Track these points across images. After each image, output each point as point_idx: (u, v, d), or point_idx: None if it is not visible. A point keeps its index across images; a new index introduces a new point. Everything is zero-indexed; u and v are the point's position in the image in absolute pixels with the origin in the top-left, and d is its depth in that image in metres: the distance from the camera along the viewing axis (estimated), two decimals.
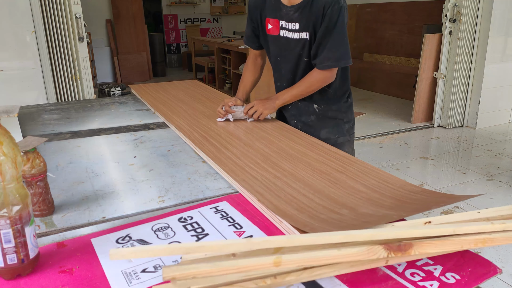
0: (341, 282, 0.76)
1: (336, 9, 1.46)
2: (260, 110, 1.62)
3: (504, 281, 2.10)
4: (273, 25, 1.60)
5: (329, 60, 1.52)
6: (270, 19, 1.60)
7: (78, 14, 3.10)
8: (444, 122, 4.73)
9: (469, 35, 4.47)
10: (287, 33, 1.58)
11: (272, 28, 1.60)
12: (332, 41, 1.49)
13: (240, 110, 1.66)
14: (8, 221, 0.74)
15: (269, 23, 1.61)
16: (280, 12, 1.56)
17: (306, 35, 1.54)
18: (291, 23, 1.55)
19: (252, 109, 1.63)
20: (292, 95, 1.63)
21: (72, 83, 3.18)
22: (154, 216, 1.00)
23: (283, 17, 1.56)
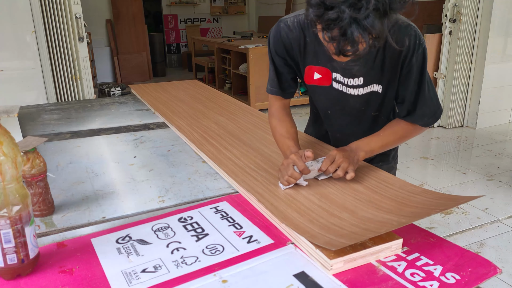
0: (341, 282, 0.76)
1: (421, 54, 1.13)
2: (345, 166, 1.10)
3: (504, 281, 2.10)
4: (322, 74, 1.22)
5: (426, 116, 1.21)
6: (317, 67, 1.22)
7: (78, 14, 3.10)
8: (444, 122, 4.73)
9: (469, 35, 4.47)
10: (342, 87, 1.22)
11: (320, 78, 1.23)
12: (425, 94, 1.18)
13: (316, 168, 1.12)
14: (8, 221, 0.74)
15: (315, 71, 1.23)
16: (332, 63, 1.19)
17: (376, 88, 1.21)
18: (351, 78, 1.20)
19: (334, 164, 1.10)
20: (382, 145, 1.22)
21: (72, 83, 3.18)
22: (154, 216, 1.00)
23: (337, 70, 1.20)
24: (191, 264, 0.81)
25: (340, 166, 1.10)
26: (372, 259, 0.82)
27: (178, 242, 0.89)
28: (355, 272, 0.79)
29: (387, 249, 0.84)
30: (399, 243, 0.85)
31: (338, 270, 0.79)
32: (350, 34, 0.89)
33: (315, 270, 0.80)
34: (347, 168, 1.10)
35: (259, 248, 0.87)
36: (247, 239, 0.90)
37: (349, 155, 1.13)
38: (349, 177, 1.10)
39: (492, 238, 2.49)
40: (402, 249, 0.86)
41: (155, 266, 0.81)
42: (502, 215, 2.74)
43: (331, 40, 0.92)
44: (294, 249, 0.86)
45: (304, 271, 0.79)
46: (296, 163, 1.08)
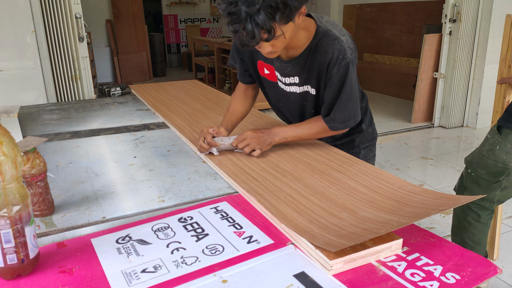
0: (341, 282, 0.76)
1: (343, 67, 1.24)
2: (252, 145, 1.30)
3: (504, 281, 2.10)
4: (270, 71, 1.38)
5: (336, 121, 1.33)
6: (265, 64, 1.38)
7: (78, 14, 3.10)
8: (444, 122, 4.73)
9: (469, 35, 4.47)
10: (284, 86, 1.39)
11: (269, 74, 1.39)
12: (340, 102, 1.29)
13: (227, 142, 1.34)
14: (8, 221, 0.74)
15: (264, 67, 1.39)
16: (274, 62, 1.35)
17: (309, 89, 1.35)
18: (288, 77, 1.35)
19: (244, 142, 1.31)
20: (296, 136, 1.39)
21: (72, 83, 3.18)
22: (154, 216, 1.00)
23: (278, 69, 1.35)
24: (191, 264, 0.81)
25: (248, 144, 1.31)
26: (372, 259, 0.82)
27: (178, 242, 0.89)
28: (355, 272, 0.79)
29: (387, 249, 0.84)
30: (399, 243, 0.85)
31: (338, 271, 0.79)
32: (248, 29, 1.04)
33: (315, 270, 0.80)
34: (254, 146, 1.30)
35: (259, 248, 0.87)
36: (247, 239, 0.90)
37: (261, 137, 1.32)
38: (256, 154, 1.30)
39: None
40: (402, 249, 0.86)
41: (155, 266, 0.81)
42: (502, 215, 2.74)
43: (233, 32, 1.08)
44: (294, 249, 0.86)
45: (304, 271, 0.79)
46: (206, 137, 1.33)
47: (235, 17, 1.04)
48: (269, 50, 1.16)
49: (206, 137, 1.32)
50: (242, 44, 1.10)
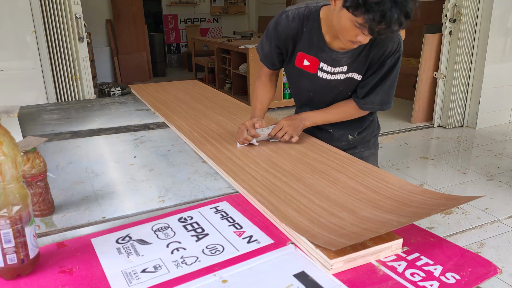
0: (341, 282, 0.76)
1: (396, 58, 1.36)
2: (290, 132, 1.40)
3: (504, 281, 2.10)
4: (311, 62, 1.41)
5: (374, 103, 1.43)
6: (307, 56, 1.40)
7: (78, 14, 3.10)
8: (444, 122, 4.73)
9: (469, 35, 4.47)
10: (327, 75, 1.41)
11: (309, 65, 1.42)
12: (383, 86, 1.40)
13: (266, 133, 1.42)
14: (8, 221, 0.74)
15: (305, 59, 1.41)
16: (323, 54, 1.37)
17: (355, 76, 1.41)
18: (337, 67, 1.39)
19: (281, 131, 1.41)
20: (325, 120, 1.48)
21: (72, 83, 3.18)
22: (154, 216, 1.00)
23: (326, 60, 1.38)
24: (191, 264, 0.81)
25: (286, 132, 1.40)
26: (372, 259, 0.82)
27: (178, 242, 0.89)
28: (355, 272, 0.79)
29: (387, 249, 0.84)
30: (399, 243, 0.85)
31: (338, 270, 0.79)
32: (389, 17, 1.06)
33: (315, 270, 0.80)
34: (292, 133, 1.40)
35: (259, 248, 0.87)
36: (247, 239, 0.90)
37: (295, 123, 1.42)
38: (294, 140, 1.40)
39: (492, 238, 2.49)
40: (402, 249, 0.86)
41: (155, 266, 0.81)
42: (502, 215, 2.74)
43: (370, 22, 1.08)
44: (294, 249, 0.86)
45: (304, 271, 0.79)
46: (249, 129, 1.38)
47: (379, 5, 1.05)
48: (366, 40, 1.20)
49: (250, 130, 1.38)
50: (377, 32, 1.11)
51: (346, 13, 1.13)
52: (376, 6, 1.05)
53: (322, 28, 1.34)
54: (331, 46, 1.35)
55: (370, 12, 1.06)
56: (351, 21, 1.13)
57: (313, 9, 1.35)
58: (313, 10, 1.35)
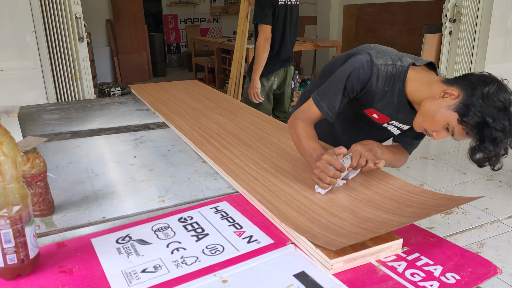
0: (341, 282, 0.76)
1: None
2: (372, 157, 1.13)
3: (504, 281, 2.10)
4: (380, 117, 1.31)
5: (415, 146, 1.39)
6: (379, 114, 1.29)
7: (78, 14, 3.10)
8: None
9: (469, 35, 4.47)
10: (392, 128, 1.34)
11: (377, 119, 1.32)
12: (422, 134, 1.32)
13: (347, 164, 1.11)
14: (8, 221, 0.74)
15: (375, 113, 1.31)
16: (401, 115, 1.27)
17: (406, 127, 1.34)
18: (407, 125, 1.32)
19: (362, 158, 1.12)
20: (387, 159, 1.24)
21: (72, 83, 3.18)
22: (154, 216, 1.00)
23: (401, 119, 1.29)
24: (191, 264, 0.81)
25: (368, 159, 1.12)
26: (372, 259, 0.82)
27: (178, 242, 0.89)
28: (355, 272, 0.79)
29: (387, 249, 0.84)
30: (399, 243, 0.85)
31: (338, 270, 0.79)
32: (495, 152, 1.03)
33: (315, 270, 0.80)
34: (373, 158, 1.13)
35: (259, 248, 0.87)
36: (247, 239, 0.90)
37: (370, 148, 1.16)
38: (382, 165, 1.14)
39: (492, 238, 2.49)
40: (402, 249, 0.86)
41: (155, 266, 0.81)
42: (502, 215, 2.74)
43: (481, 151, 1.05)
44: (294, 249, 0.86)
45: (304, 271, 0.79)
46: (333, 162, 1.05)
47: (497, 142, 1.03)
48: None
49: (335, 163, 1.05)
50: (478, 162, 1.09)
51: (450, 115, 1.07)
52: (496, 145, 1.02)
53: (407, 92, 1.22)
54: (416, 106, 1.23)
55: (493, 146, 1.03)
56: (447, 123, 1.08)
57: (400, 70, 1.21)
58: (401, 71, 1.21)
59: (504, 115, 1.02)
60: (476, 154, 1.06)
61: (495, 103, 1.02)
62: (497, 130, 1.01)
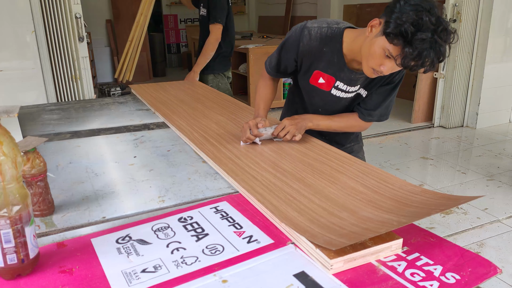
0: (341, 282, 0.76)
1: (402, 73, 1.41)
2: (292, 131, 1.41)
3: (504, 281, 2.10)
4: (326, 80, 1.44)
5: (375, 116, 1.49)
6: (324, 74, 1.43)
7: (78, 14, 3.10)
8: (444, 122, 4.73)
9: (469, 35, 4.46)
10: (340, 93, 1.45)
11: (323, 83, 1.45)
12: (386, 102, 1.47)
13: (269, 132, 1.43)
14: (8, 221, 0.74)
15: (321, 77, 1.44)
16: (341, 74, 1.40)
17: (362, 92, 1.46)
18: (352, 86, 1.43)
19: (284, 130, 1.41)
20: (327, 126, 1.51)
21: (72, 83, 3.18)
22: (154, 216, 1.00)
23: (343, 79, 1.41)
24: (191, 264, 0.81)
25: (288, 131, 1.40)
26: (372, 259, 0.82)
27: (178, 242, 0.89)
28: (355, 272, 0.79)
29: (387, 249, 0.84)
30: (399, 243, 0.85)
31: (338, 270, 0.79)
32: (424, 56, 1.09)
33: (315, 270, 0.80)
34: (294, 132, 1.40)
35: (259, 248, 0.87)
36: (247, 239, 0.90)
37: (297, 123, 1.43)
38: (297, 138, 1.41)
39: (492, 238, 2.49)
40: (402, 249, 0.86)
41: (155, 266, 0.81)
42: (502, 215, 2.74)
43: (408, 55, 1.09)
44: (294, 249, 0.86)
45: (304, 271, 0.79)
46: (252, 128, 1.40)
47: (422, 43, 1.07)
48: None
49: (252, 129, 1.39)
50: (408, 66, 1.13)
51: (381, 40, 1.15)
52: (419, 43, 1.07)
53: (344, 50, 1.36)
54: (350, 67, 1.38)
55: (411, 46, 1.08)
56: (383, 49, 1.15)
57: (336, 30, 1.37)
58: (336, 32, 1.36)
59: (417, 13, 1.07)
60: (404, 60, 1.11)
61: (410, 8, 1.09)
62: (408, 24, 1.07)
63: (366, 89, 1.45)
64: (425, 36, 1.07)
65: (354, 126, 1.53)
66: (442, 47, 1.09)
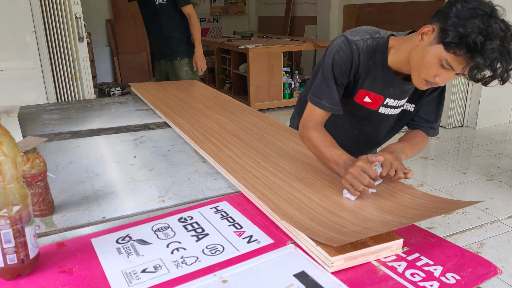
0: (341, 282, 0.76)
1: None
2: (401, 167, 1.11)
3: (504, 281, 2.10)
4: (373, 100, 1.28)
5: (437, 128, 1.35)
6: (370, 93, 1.26)
7: (78, 14, 3.10)
8: (444, 122, 4.73)
9: None
10: (389, 110, 1.30)
11: (370, 102, 1.28)
12: (442, 108, 1.33)
13: (378, 172, 1.09)
14: (8, 221, 0.74)
15: (367, 96, 1.27)
16: (390, 89, 1.24)
17: (410, 107, 1.31)
18: (401, 100, 1.28)
19: (392, 168, 1.10)
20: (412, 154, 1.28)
21: (72, 83, 3.18)
22: (154, 216, 1.00)
23: (394, 95, 1.25)
24: (191, 264, 0.81)
25: (397, 168, 1.10)
26: (373, 258, 0.82)
27: (178, 242, 0.89)
28: (355, 271, 0.79)
29: (387, 248, 0.84)
30: (399, 243, 0.85)
31: (338, 268, 0.79)
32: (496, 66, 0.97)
33: (315, 269, 0.80)
34: (403, 168, 1.11)
35: (259, 248, 0.87)
36: (247, 239, 0.90)
37: (397, 157, 1.14)
38: (411, 175, 1.11)
39: (492, 238, 2.49)
40: (403, 249, 0.86)
41: (155, 266, 0.81)
42: (502, 215, 2.74)
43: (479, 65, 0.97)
44: (294, 249, 0.86)
45: (304, 271, 0.79)
46: (367, 170, 1.03)
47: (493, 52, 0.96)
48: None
49: (370, 172, 1.03)
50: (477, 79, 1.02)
51: (436, 49, 1.03)
52: (489, 53, 0.95)
53: (389, 61, 1.21)
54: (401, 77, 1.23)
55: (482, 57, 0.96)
56: (439, 59, 1.03)
57: (380, 41, 1.21)
58: (381, 43, 1.21)
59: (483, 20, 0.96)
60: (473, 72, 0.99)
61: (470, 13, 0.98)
62: (476, 34, 0.95)
63: (412, 102, 1.30)
64: (495, 45, 0.95)
65: (424, 144, 1.34)
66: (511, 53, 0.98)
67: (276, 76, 5.36)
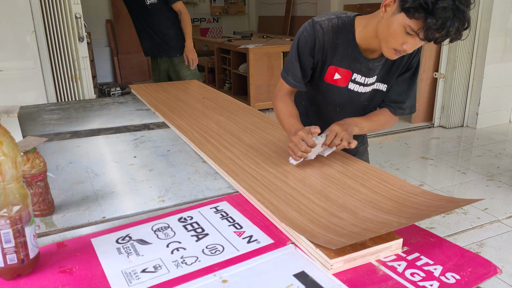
0: (341, 282, 0.76)
1: (418, 57, 1.35)
2: (346, 137, 1.22)
3: (504, 281, 2.10)
4: (342, 75, 1.34)
5: (407, 108, 1.40)
6: (339, 69, 1.33)
7: (78, 14, 3.10)
8: (444, 122, 4.73)
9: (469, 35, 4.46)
10: (358, 87, 1.36)
11: (339, 79, 1.35)
12: (412, 90, 1.39)
13: (321, 142, 1.21)
14: (8, 221, 0.74)
15: (336, 72, 1.34)
16: (357, 65, 1.32)
17: (381, 87, 1.38)
18: (371, 77, 1.34)
19: (337, 137, 1.21)
20: (370, 128, 1.38)
21: (72, 83, 3.18)
22: (154, 216, 1.00)
23: (360, 71, 1.32)
24: (191, 264, 0.81)
25: (342, 138, 1.22)
26: (372, 259, 0.82)
27: (178, 242, 0.89)
28: (355, 272, 0.79)
29: (387, 248, 0.84)
30: (399, 243, 0.85)
31: (338, 270, 0.79)
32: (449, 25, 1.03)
33: (315, 269, 0.80)
34: (348, 138, 1.23)
35: (259, 248, 0.87)
36: (247, 239, 0.90)
37: (347, 128, 1.26)
38: (353, 145, 1.23)
39: (492, 238, 2.49)
40: (402, 249, 0.86)
41: (155, 266, 0.81)
42: (502, 215, 2.74)
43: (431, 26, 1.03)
44: (294, 249, 0.86)
45: (304, 271, 0.79)
46: (306, 138, 1.17)
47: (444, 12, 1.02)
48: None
49: (307, 140, 1.17)
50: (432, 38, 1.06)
51: (400, 18, 1.08)
52: (441, 12, 1.00)
53: (357, 39, 1.29)
54: (366, 54, 1.31)
55: (434, 17, 1.02)
56: (403, 27, 1.08)
57: (346, 20, 1.30)
58: (347, 21, 1.30)
59: None
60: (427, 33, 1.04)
61: None
62: None
63: (384, 82, 1.37)
64: (446, 4, 1.00)
65: (389, 122, 1.42)
66: (465, 13, 1.02)
67: (276, 76, 5.36)
